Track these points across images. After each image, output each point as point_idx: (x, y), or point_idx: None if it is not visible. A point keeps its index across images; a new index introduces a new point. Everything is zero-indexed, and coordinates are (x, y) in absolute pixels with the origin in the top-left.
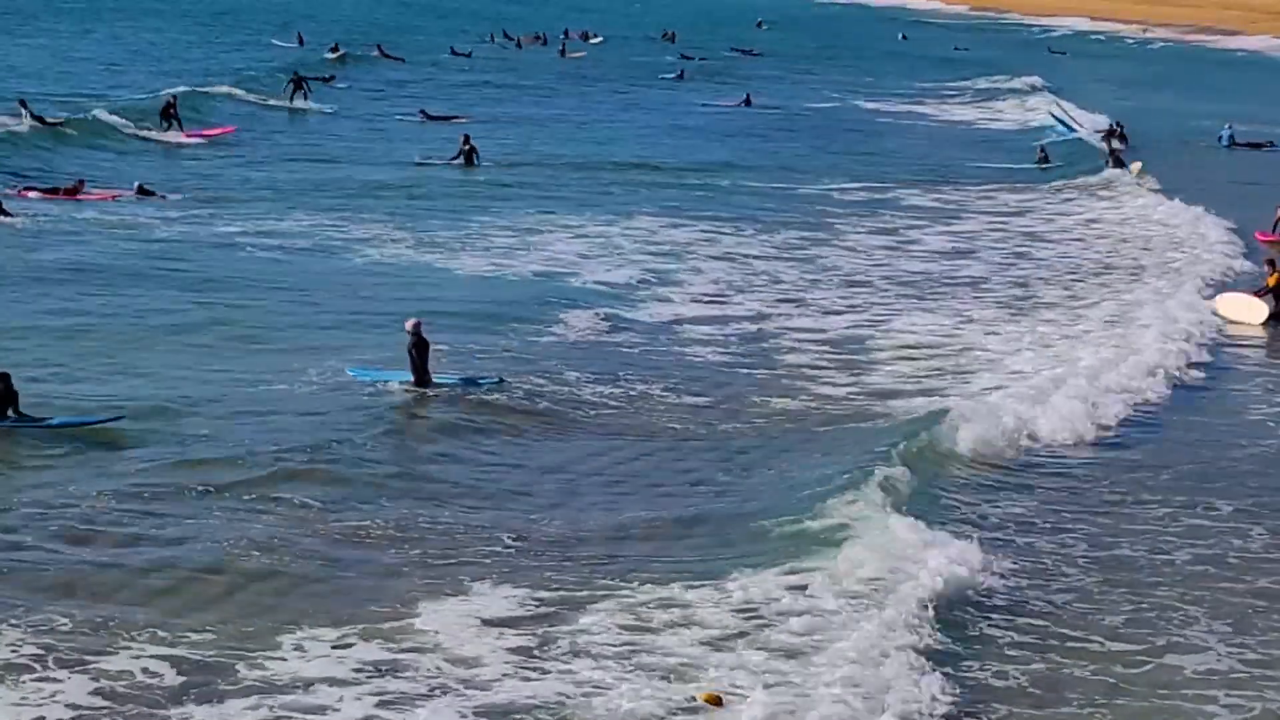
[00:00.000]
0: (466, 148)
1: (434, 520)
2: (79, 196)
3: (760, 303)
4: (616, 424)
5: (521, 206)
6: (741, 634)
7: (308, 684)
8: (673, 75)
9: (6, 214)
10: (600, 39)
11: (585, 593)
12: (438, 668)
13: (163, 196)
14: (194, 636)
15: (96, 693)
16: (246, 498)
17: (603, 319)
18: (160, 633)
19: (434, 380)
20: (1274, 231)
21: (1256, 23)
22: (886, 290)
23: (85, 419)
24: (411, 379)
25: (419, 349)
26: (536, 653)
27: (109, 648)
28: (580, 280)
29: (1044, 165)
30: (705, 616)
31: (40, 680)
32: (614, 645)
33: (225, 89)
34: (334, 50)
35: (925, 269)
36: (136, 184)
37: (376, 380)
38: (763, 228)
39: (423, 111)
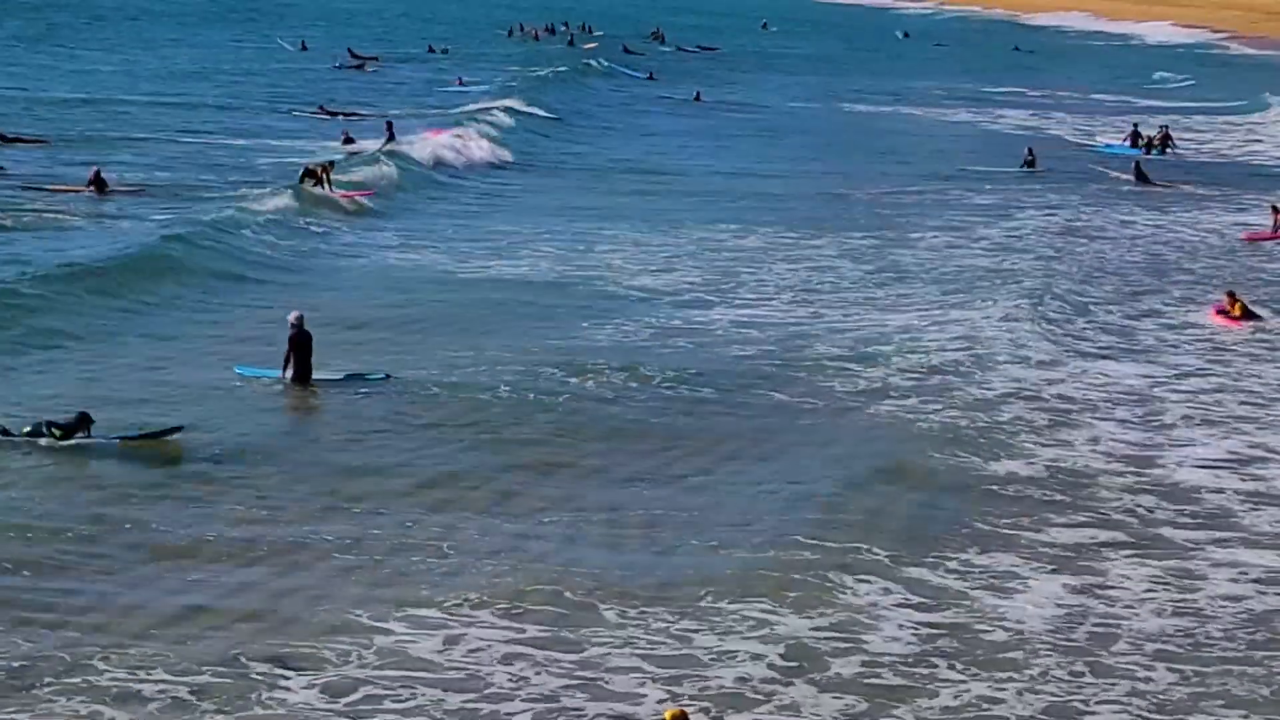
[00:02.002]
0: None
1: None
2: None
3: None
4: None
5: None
6: None
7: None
8: (643, 75)
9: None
10: (601, 34)
11: None
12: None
13: None
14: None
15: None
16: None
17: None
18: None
19: (314, 377)
20: (1275, 231)
21: (1256, 23)
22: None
23: (143, 432)
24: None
25: (300, 342)
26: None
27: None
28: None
29: (1031, 168)
30: None
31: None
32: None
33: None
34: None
35: None
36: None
37: (261, 376)
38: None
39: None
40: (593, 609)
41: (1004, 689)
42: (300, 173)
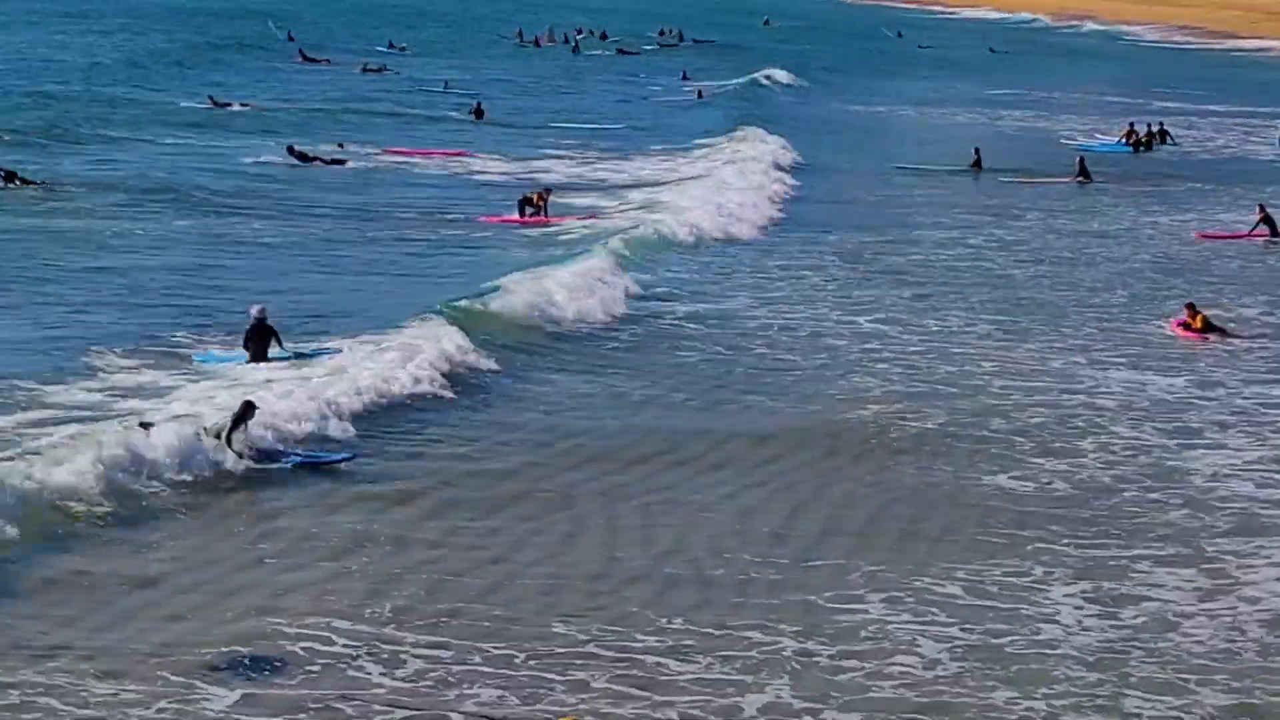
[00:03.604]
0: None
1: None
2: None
3: None
4: None
5: None
6: None
7: None
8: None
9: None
10: (617, 40)
11: None
12: None
13: None
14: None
15: None
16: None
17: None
18: None
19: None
20: (1252, 230)
21: (1256, 23)
22: None
23: (320, 456)
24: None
25: (258, 332)
26: None
27: None
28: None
29: (978, 169)
30: None
31: None
32: None
33: None
34: None
35: None
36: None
37: (222, 362)
38: None
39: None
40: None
41: (1037, 705)
42: (519, 201)
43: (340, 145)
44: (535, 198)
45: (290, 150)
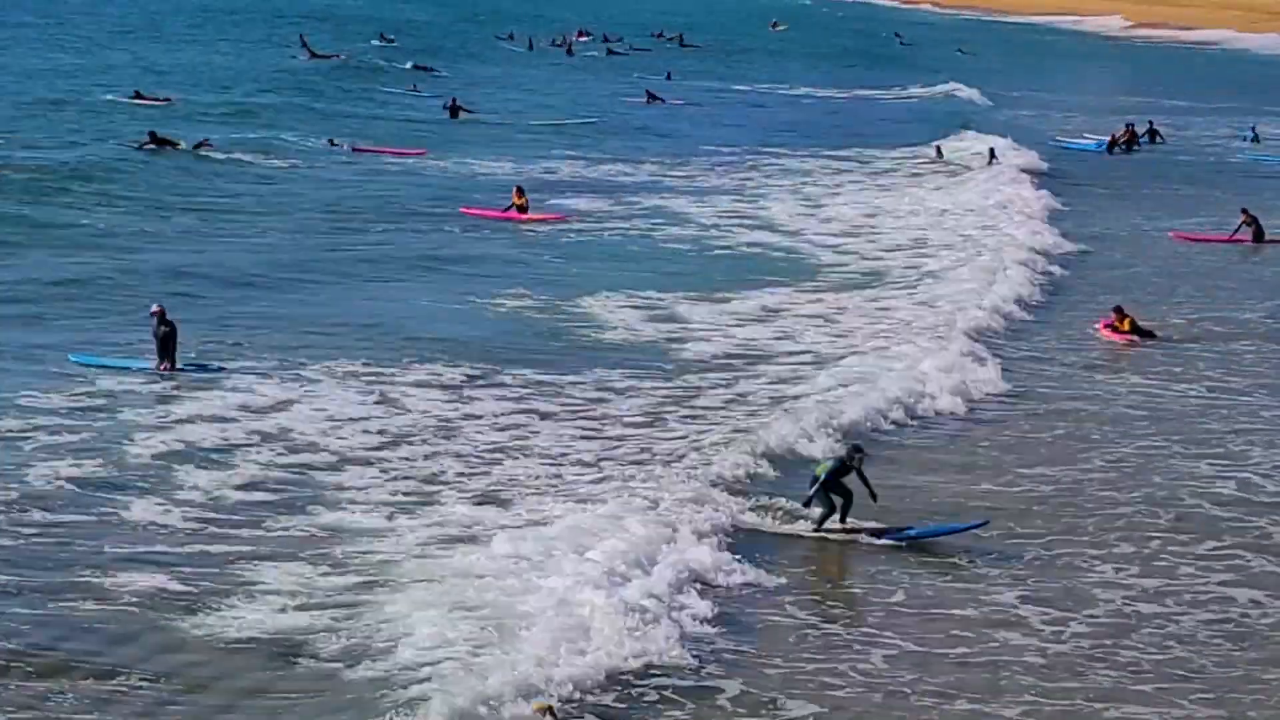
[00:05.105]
0: None
1: None
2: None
3: None
4: None
5: None
6: None
7: None
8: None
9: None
10: (619, 39)
11: None
12: None
13: None
14: None
15: None
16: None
17: None
18: None
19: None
20: (1234, 233)
21: (1257, 23)
22: None
23: (949, 527)
24: (154, 364)
25: (171, 334)
26: None
27: None
28: None
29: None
30: None
31: None
32: None
33: None
34: None
35: None
36: None
37: (104, 367)
38: None
39: None
40: None
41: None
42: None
43: (331, 141)
44: (516, 194)
45: (152, 136)
